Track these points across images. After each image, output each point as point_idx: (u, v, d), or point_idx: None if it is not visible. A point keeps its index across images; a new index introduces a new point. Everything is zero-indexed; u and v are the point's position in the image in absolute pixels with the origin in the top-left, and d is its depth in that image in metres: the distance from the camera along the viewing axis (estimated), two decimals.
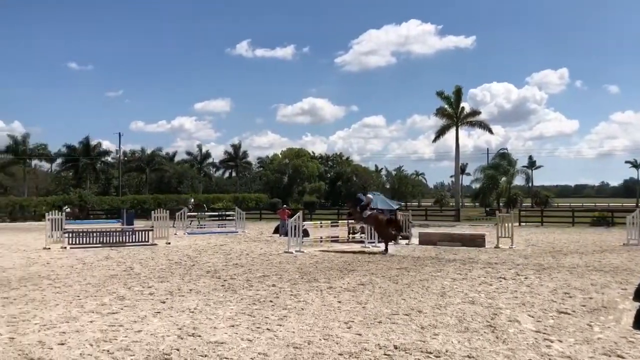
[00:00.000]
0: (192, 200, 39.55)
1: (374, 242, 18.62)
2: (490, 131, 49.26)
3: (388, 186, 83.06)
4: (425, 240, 19.86)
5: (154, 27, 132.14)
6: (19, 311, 8.36)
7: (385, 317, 7.83)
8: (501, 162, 50.99)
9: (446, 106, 47.26)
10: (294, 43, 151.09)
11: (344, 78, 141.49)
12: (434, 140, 50.75)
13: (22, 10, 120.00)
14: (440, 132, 48.88)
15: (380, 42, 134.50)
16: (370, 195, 18.99)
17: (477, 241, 19.01)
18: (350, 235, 21.06)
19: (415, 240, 20.46)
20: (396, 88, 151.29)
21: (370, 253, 16.86)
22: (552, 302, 8.98)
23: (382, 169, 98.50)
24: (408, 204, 77.00)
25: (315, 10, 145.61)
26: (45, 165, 70.80)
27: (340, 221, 23.43)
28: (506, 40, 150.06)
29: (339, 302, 9.00)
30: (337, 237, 19.82)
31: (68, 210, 34.62)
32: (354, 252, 16.97)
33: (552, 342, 6.48)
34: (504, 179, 50.15)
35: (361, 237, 20.03)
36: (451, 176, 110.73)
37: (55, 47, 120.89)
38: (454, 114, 47.09)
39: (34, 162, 65.46)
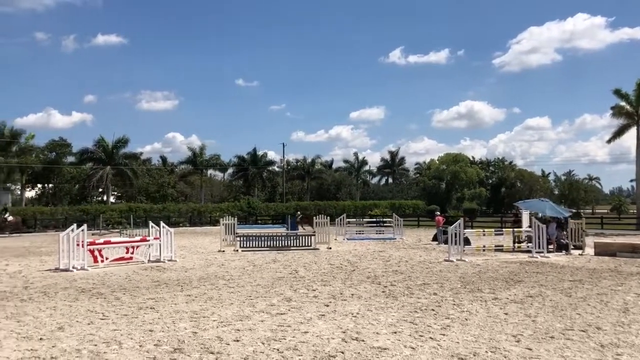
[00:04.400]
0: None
1: (542, 252, 17.44)
2: None
3: (557, 192, 77.32)
4: (601, 250, 18.12)
5: (310, 42, 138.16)
6: (200, 308, 9.20)
7: (558, 332, 7.28)
8: None
9: (624, 104, 42.76)
10: (448, 47, 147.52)
11: (504, 79, 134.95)
12: (609, 141, 46.02)
13: (195, 34, 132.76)
14: (618, 133, 44.29)
15: (543, 39, 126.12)
16: None
17: None
18: (516, 245, 19.92)
19: (589, 250, 18.77)
20: (562, 87, 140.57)
21: (539, 263, 15.82)
22: None
23: (549, 173, 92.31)
24: (580, 211, 70.92)
25: (469, 12, 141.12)
26: (218, 175, 77.31)
27: (504, 229, 22.32)
28: None
29: (506, 313, 8.56)
30: (502, 246, 18.88)
31: (11, 218, 33.86)
32: (520, 262, 16.04)
33: None
34: None
35: (528, 247, 18.87)
36: (631, 180, 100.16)
37: (225, 66, 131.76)
38: (634, 112, 42.39)
39: (210, 171, 71.71)
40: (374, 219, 35.96)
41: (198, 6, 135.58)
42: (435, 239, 25.00)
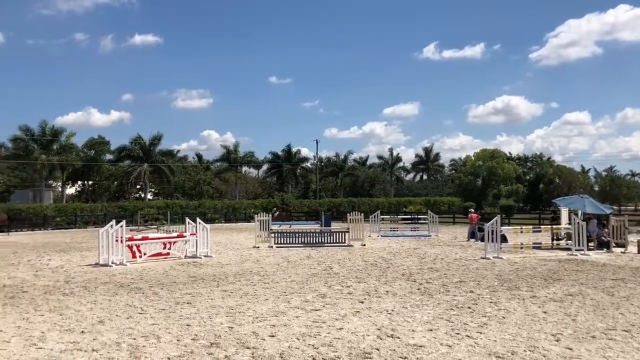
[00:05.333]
0: None
1: (582, 250, 17.01)
2: None
3: (597, 188, 75.23)
4: None
5: (342, 38, 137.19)
6: (236, 303, 9.29)
7: (600, 332, 7.09)
8: None
9: None
10: (483, 41, 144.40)
11: (541, 73, 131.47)
12: None
13: (228, 32, 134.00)
14: None
15: (582, 32, 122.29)
16: None
17: None
18: (555, 242, 19.49)
19: (633, 248, 18.21)
20: (603, 80, 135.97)
21: (579, 261, 15.44)
22: None
23: (589, 169, 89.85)
24: (622, 208, 68.89)
25: (504, 5, 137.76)
26: (253, 172, 77.85)
27: (542, 226, 21.86)
28: None
29: (544, 312, 8.38)
30: (540, 243, 18.48)
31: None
32: (559, 260, 15.69)
33: None
34: None
35: (567, 244, 18.43)
36: None
37: (258, 64, 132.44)
38: None
39: (244, 168, 72.30)
40: (409, 216, 35.70)
41: (231, 6, 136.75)
42: (472, 236, 24.63)
